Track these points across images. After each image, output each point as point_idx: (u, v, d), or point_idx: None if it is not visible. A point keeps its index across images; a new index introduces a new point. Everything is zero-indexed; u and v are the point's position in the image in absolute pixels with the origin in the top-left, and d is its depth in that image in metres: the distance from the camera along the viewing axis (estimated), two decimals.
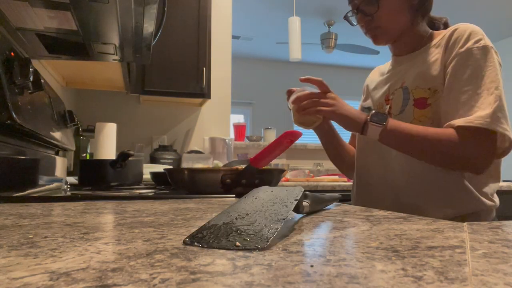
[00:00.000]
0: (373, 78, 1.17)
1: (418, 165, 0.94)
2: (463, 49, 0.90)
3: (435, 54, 0.95)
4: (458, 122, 0.86)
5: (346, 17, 1.04)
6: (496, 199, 0.97)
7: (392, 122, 0.90)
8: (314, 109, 0.93)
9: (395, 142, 0.92)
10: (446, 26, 1.05)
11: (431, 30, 1.03)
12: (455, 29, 0.93)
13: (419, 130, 0.89)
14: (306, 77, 0.97)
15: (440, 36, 0.98)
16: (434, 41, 0.98)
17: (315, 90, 0.97)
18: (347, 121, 0.92)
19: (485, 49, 0.89)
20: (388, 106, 1.02)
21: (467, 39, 0.90)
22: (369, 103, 1.11)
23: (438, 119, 0.92)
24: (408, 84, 0.98)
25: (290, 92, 1.01)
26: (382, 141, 0.92)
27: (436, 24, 1.05)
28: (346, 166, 1.23)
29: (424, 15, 1.01)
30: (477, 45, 0.89)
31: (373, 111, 0.92)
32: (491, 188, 0.95)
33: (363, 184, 1.12)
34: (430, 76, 0.94)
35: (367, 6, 0.98)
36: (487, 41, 0.90)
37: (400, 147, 0.93)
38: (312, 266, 0.24)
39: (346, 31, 5.00)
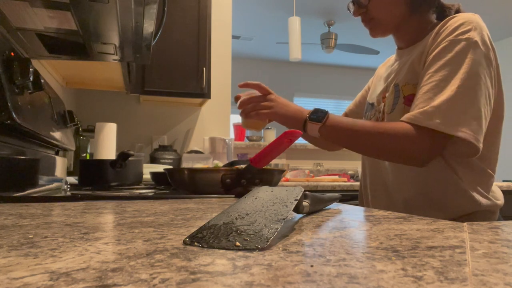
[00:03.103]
0: (380, 71, 1.15)
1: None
2: (444, 40, 0.85)
3: (426, 46, 0.90)
4: (405, 116, 0.83)
5: (348, 8, 1.03)
6: (496, 198, 0.92)
7: (333, 119, 0.89)
8: (254, 113, 0.96)
9: (336, 138, 0.92)
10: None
11: (436, 20, 0.97)
12: (449, 19, 0.88)
13: (363, 126, 0.88)
14: (244, 82, 0.99)
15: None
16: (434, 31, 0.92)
17: (258, 93, 0.99)
18: (287, 120, 0.95)
19: (468, 42, 0.82)
20: (383, 104, 1.00)
21: (454, 30, 0.84)
22: (373, 98, 1.08)
23: None
24: (399, 81, 0.95)
25: (237, 98, 1.03)
26: (324, 137, 0.91)
27: (447, 12, 0.97)
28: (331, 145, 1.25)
29: (428, 4, 0.95)
30: (461, 36, 0.83)
31: (313, 109, 0.92)
32: (486, 183, 0.90)
33: (363, 184, 1.12)
34: (417, 70, 0.90)
35: None
36: (475, 34, 0.83)
37: (344, 143, 0.93)
38: (312, 266, 0.24)
39: (346, 31, 5.00)
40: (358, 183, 2.36)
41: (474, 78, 0.80)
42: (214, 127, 2.76)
